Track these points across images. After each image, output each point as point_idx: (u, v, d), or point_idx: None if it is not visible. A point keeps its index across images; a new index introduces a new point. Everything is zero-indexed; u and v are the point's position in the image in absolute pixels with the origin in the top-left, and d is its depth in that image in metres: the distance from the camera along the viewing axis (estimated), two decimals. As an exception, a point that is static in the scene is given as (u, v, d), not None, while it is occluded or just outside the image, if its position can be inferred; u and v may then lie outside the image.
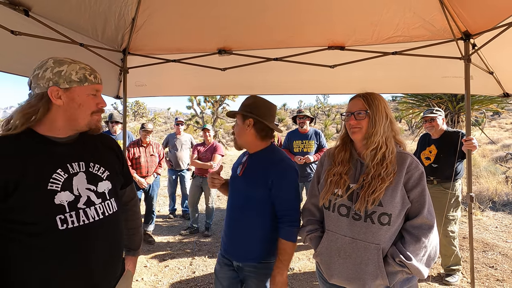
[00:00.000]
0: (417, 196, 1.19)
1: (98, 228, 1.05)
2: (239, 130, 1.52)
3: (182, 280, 2.94)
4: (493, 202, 5.09)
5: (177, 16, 2.36)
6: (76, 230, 0.99)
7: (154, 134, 5.25)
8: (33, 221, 0.93)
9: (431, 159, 3.01)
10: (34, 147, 0.99)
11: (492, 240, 3.70)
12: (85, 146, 1.12)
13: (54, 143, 1.03)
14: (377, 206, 1.18)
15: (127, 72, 2.76)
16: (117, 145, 1.31)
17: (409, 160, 1.23)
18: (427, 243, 1.16)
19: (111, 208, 1.11)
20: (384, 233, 1.18)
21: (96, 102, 1.08)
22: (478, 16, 2.05)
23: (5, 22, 1.72)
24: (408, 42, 2.35)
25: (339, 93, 3.05)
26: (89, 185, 1.07)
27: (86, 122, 1.07)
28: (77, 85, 1.03)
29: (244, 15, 2.31)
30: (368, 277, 1.18)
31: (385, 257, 1.18)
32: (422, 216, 1.17)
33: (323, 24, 2.35)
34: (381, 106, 1.27)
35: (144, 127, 4.11)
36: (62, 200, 0.97)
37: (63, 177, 1.00)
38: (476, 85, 2.75)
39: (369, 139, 1.24)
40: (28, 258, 0.93)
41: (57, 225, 0.95)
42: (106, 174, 1.14)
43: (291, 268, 3.16)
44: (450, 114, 5.37)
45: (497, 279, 2.82)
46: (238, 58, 2.61)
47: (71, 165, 1.04)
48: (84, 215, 1.02)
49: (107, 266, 1.10)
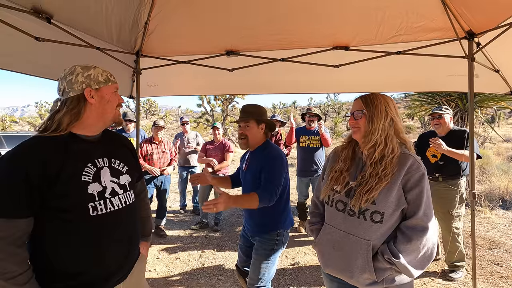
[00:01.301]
0: (414, 197, 1.20)
1: (121, 214, 1.21)
2: (254, 133, 1.98)
3: (192, 271, 3.08)
4: (503, 201, 5.04)
5: (187, 20, 2.47)
6: (104, 216, 1.14)
7: (165, 132, 5.40)
8: (70, 208, 1.08)
9: (437, 157, 3.04)
10: (69, 144, 1.13)
11: (499, 238, 3.70)
12: (106, 144, 1.28)
13: (83, 141, 1.18)
14: (370, 204, 1.21)
15: (140, 73, 2.90)
16: (131, 143, 1.47)
17: (411, 162, 1.23)
18: (419, 245, 1.17)
19: (131, 198, 1.28)
20: (375, 230, 1.22)
21: (118, 97, 1.27)
22: (481, 15, 2.07)
23: (30, 30, 1.87)
24: (411, 42, 2.39)
25: (344, 92, 3.13)
26: (113, 178, 1.23)
27: (113, 115, 1.25)
28: (104, 85, 1.20)
29: (251, 18, 2.40)
30: (356, 270, 1.22)
31: (376, 254, 1.22)
32: (416, 218, 1.19)
33: (327, 25, 2.41)
34: (381, 105, 1.30)
35: (156, 124, 4.27)
36: (93, 190, 1.13)
37: (93, 171, 1.16)
38: (482, 84, 2.76)
39: (367, 137, 1.29)
40: (65, 240, 1.08)
41: (89, 211, 1.11)
42: (125, 169, 1.30)
43: (296, 262, 3.25)
44: (460, 112, 5.33)
45: (502, 275, 2.84)
46: (246, 59, 2.70)
47: (98, 160, 1.20)
48: (110, 203, 1.17)
49: (129, 247, 1.25)
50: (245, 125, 1.98)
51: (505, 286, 2.67)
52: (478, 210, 4.67)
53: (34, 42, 1.91)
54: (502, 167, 7.01)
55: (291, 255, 3.43)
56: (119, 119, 1.29)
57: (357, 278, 1.23)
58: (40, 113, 23.77)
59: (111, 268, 1.18)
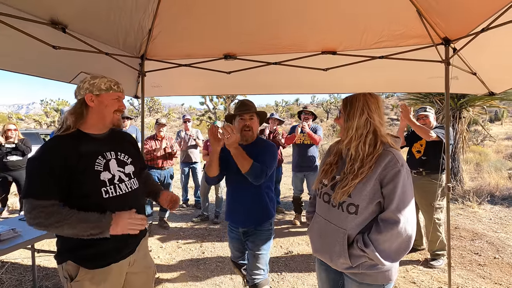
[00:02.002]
0: (389, 192, 1.26)
1: (127, 197, 1.45)
2: (256, 127, 2.10)
3: (193, 259, 3.33)
4: (492, 196, 5.23)
5: (187, 27, 2.69)
6: (114, 198, 1.40)
7: (168, 129, 5.61)
8: (88, 193, 1.34)
9: (421, 152, 3.26)
10: (82, 141, 1.38)
11: (482, 230, 3.90)
12: (113, 140, 1.53)
13: (93, 138, 1.44)
14: (347, 197, 1.31)
15: (145, 75, 3.13)
16: (134, 139, 1.73)
17: (389, 158, 1.28)
18: (390, 236, 1.22)
19: (135, 184, 1.53)
20: (350, 220, 1.31)
21: (117, 104, 1.47)
22: (454, 24, 2.27)
23: (48, 39, 2.10)
24: (393, 47, 2.60)
25: (331, 93, 3.33)
26: (119, 168, 1.48)
27: (111, 118, 1.45)
28: (105, 92, 1.42)
29: (246, 25, 2.61)
30: (334, 255, 1.35)
31: (353, 242, 1.32)
32: (389, 211, 1.25)
33: (317, 32, 2.61)
34: (358, 104, 1.37)
35: (158, 121, 4.51)
36: (104, 177, 1.39)
37: (103, 162, 1.42)
38: (462, 85, 2.97)
39: (344, 134, 1.40)
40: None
41: (102, 194, 1.36)
42: (129, 160, 1.55)
43: (290, 251, 3.49)
44: (452, 110, 5.51)
45: (479, 264, 3.05)
46: (242, 62, 2.92)
47: (106, 153, 1.45)
48: (118, 188, 1.43)
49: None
50: (250, 117, 2.05)
51: (481, 272, 2.89)
52: (466, 205, 4.87)
53: (52, 50, 2.15)
54: (496, 164, 7.18)
55: (285, 245, 3.67)
56: (117, 122, 1.50)
57: (335, 262, 1.36)
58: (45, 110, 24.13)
59: (120, 242, 1.41)
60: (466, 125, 5.60)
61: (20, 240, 1.90)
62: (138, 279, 1.56)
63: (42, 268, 2.67)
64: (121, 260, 1.43)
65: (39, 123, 21.43)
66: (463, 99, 5.35)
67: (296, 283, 2.79)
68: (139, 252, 1.53)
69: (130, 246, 1.47)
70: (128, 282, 1.52)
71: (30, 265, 3.09)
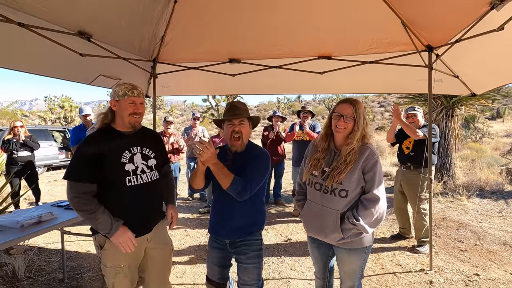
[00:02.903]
0: (370, 178, 1.59)
1: (148, 186, 1.73)
2: (247, 132, 1.79)
3: (200, 245, 3.65)
4: (481, 190, 5.52)
5: (196, 34, 2.98)
6: (136, 187, 1.68)
7: (172, 125, 5.79)
8: (115, 180, 1.63)
9: (410, 148, 3.54)
10: (114, 136, 1.69)
11: (467, 221, 4.19)
12: (140, 136, 1.79)
13: (123, 135, 1.73)
14: (338, 184, 1.60)
15: (156, 77, 3.43)
16: (160, 137, 2.00)
17: (368, 152, 1.61)
18: (373, 211, 1.56)
19: (155, 176, 1.80)
20: (342, 202, 1.62)
21: (132, 108, 1.69)
22: (434, 34, 2.55)
23: (75, 47, 2.40)
24: (383, 53, 2.87)
25: (326, 93, 3.62)
26: (143, 161, 1.75)
27: (128, 120, 1.69)
28: (121, 98, 1.68)
29: (250, 33, 2.90)
30: (328, 231, 1.65)
31: (343, 218, 1.62)
32: (371, 192, 1.59)
33: (314, 39, 2.90)
34: (363, 113, 1.63)
35: (166, 119, 4.81)
36: (129, 168, 1.67)
37: (128, 155, 1.69)
38: (446, 87, 3.25)
39: (351, 139, 1.61)
40: (111, 199, 1.63)
41: (126, 183, 1.65)
42: (153, 155, 1.82)
43: (289, 238, 3.80)
44: (445, 109, 5.77)
45: (461, 250, 3.35)
46: (245, 66, 3.21)
47: (132, 148, 1.73)
48: (140, 178, 1.70)
49: (153, 209, 1.81)
50: (240, 123, 1.76)
51: (462, 257, 3.18)
52: (456, 198, 5.16)
53: (79, 57, 2.45)
54: (489, 161, 7.44)
55: (285, 233, 3.98)
56: (133, 124, 1.71)
57: (329, 237, 1.65)
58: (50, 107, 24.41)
59: (140, 220, 1.72)
60: (458, 122, 5.87)
61: (56, 222, 2.21)
62: (157, 253, 1.85)
63: (66, 251, 2.98)
64: (139, 236, 1.71)
65: (44, 119, 21.74)
66: (455, 98, 5.61)
67: (294, 265, 3.10)
68: (156, 230, 1.82)
69: (146, 227, 1.77)
70: (148, 255, 1.82)
71: (54, 249, 3.43)
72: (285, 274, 2.93)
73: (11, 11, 1.84)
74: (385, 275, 2.85)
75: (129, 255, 1.68)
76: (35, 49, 2.28)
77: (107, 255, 1.67)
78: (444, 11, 2.17)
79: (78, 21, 2.30)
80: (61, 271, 2.81)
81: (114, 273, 1.68)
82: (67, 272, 2.83)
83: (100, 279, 2.74)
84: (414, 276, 2.81)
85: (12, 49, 2.20)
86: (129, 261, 1.71)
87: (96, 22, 2.39)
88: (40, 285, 2.66)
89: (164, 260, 1.90)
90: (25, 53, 2.30)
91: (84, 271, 2.93)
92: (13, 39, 2.08)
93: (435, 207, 4.86)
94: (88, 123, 4.22)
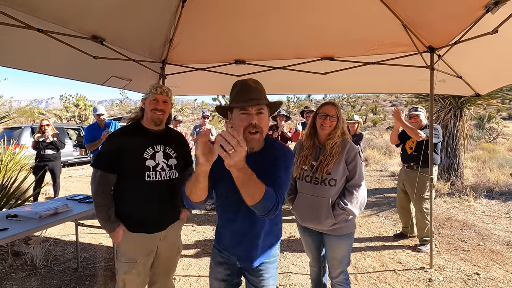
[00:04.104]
0: (352, 167, 1.86)
1: (165, 184, 1.79)
2: (266, 125, 1.30)
3: (206, 239, 3.78)
4: (490, 191, 5.45)
5: (203, 36, 3.09)
6: (154, 183, 1.75)
7: (181, 124, 5.95)
8: (135, 173, 1.73)
9: (412, 148, 3.57)
10: (141, 133, 1.81)
11: (472, 221, 4.18)
12: (165, 136, 1.88)
13: (150, 132, 1.83)
14: (327, 174, 1.84)
15: (165, 77, 3.57)
16: (185, 140, 2.06)
17: (349, 145, 1.89)
18: (358, 195, 1.83)
19: (174, 175, 1.85)
20: (332, 191, 1.85)
21: (154, 104, 1.80)
22: (435, 35, 2.59)
23: (89, 50, 2.55)
24: (384, 54, 2.92)
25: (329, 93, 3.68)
26: (164, 159, 1.82)
27: (151, 116, 1.79)
28: (147, 96, 1.83)
29: (255, 35, 2.99)
30: (322, 218, 1.84)
31: (333, 205, 1.84)
32: (354, 179, 1.86)
33: (317, 41, 2.97)
34: (341, 113, 1.95)
35: (176, 118, 4.97)
36: (149, 164, 1.74)
37: (151, 152, 1.77)
38: (450, 87, 3.28)
39: (334, 134, 1.90)
40: (129, 194, 1.74)
41: (145, 177, 1.72)
42: (174, 155, 1.88)
43: (292, 235, 3.89)
44: (453, 109, 5.72)
45: (463, 249, 3.36)
46: (251, 67, 3.31)
47: (156, 146, 1.81)
48: (159, 175, 1.77)
49: (169, 208, 1.86)
50: (258, 112, 1.26)
51: (464, 256, 3.21)
52: (463, 199, 5.13)
53: (92, 60, 2.61)
54: (501, 162, 7.31)
55: (289, 230, 4.07)
56: (155, 119, 1.80)
57: (323, 223, 1.84)
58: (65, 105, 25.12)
59: (156, 218, 1.78)
60: (467, 122, 5.81)
61: (71, 214, 2.38)
62: (165, 252, 1.89)
63: (80, 243, 3.16)
64: (154, 232, 1.79)
65: (60, 117, 22.41)
66: (463, 98, 5.55)
67: (295, 260, 3.19)
68: (170, 230, 1.87)
69: (160, 225, 1.83)
70: (158, 254, 1.86)
71: (68, 241, 3.63)
72: (287, 268, 3.02)
73: (31, 18, 1.99)
74: (385, 272, 2.91)
75: (144, 251, 1.77)
76: (52, 53, 2.45)
77: (124, 248, 1.75)
78: (442, 14, 2.22)
79: (92, 26, 2.45)
80: (76, 261, 2.99)
81: (127, 267, 1.73)
82: (81, 262, 3.01)
83: (112, 269, 2.90)
84: (414, 274, 2.86)
85: (31, 53, 2.37)
86: (144, 258, 1.77)
87: (108, 27, 2.53)
88: (56, 273, 2.85)
89: (170, 260, 1.96)
90: (43, 56, 2.47)
91: (97, 261, 3.10)
92: (33, 44, 2.25)
93: (440, 207, 4.85)
94: (102, 122, 4.42)
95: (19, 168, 4.67)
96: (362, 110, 36.57)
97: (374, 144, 12.96)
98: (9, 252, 3.07)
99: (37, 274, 2.81)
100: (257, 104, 1.24)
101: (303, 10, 2.64)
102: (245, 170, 1.02)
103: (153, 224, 1.79)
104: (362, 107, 38.52)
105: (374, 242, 3.65)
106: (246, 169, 1.02)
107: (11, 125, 11.61)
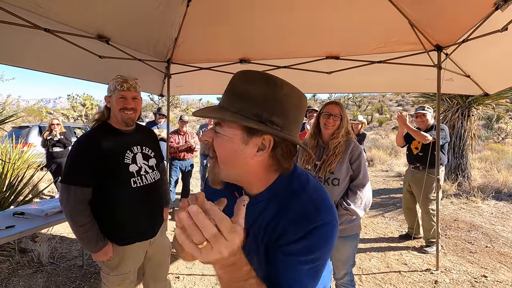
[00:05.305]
0: (356, 167, 1.83)
1: (151, 187, 1.66)
2: (233, 153, 0.68)
3: (210, 239, 3.79)
4: (498, 192, 5.36)
5: (208, 36, 3.10)
6: (141, 188, 1.60)
7: (187, 124, 5.96)
8: (117, 183, 1.54)
9: (418, 149, 3.52)
10: (112, 134, 1.58)
11: (480, 223, 4.11)
12: (138, 135, 1.70)
13: (122, 133, 1.62)
14: (330, 173, 1.82)
15: (170, 77, 3.58)
16: (155, 134, 1.92)
17: (353, 144, 1.86)
18: (362, 195, 1.78)
19: (157, 176, 1.73)
20: (335, 190, 1.81)
21: (123, 103, 1.56)
22: (442, 33, 2.55)
23: (95, 50, 2.57)
24: (390, 53, 2.89)
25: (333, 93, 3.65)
26: (144, 161, 1.66)
27: (120, 116, 1.56)
28: (112, 93, 1.57)
29: (259, 34, 2.99)
30: None
31: (337, 206, 1.79)
32: (358, 179, 1.82)
33: (322, 39, 2.95)
34: (345, 112, 1.91)
35: (182, 118, 4.98)
36: (133, 169, 1.58)
37: (131, 155, 1.60)
38: (458, 87, 3.23)
39: (337, 134, 1.86)
40: (114, 205, 1.56)
41: (131, 184, 1.56)
42: (152, 154, 1.73)
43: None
44: (461, 108, 5.64)
45: (470, 251, 3.31)
46: (255, 66, 3.30)
47: (133, 147, 1.63)
48: (144, 179, 1.63)
49: (157, 210, 1.75)
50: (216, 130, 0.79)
51: (471, 259, 3.15)
52: (470, 200, 5.05)
53: (98, 59, 2.62)
54: (510, 162, 7.19)
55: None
56: (126, 121, 1.58)
57: None
58: (72, 105, 25.40)
59: (144, 227, 1.65)
60: (475, 122, 5.72)
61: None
62: (155, 254, 1.80)
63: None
64: (148, 239, 1.69)
65: (67, 117, 22.70)
66: (471, 97, 5.47)
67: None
68: (158, 237, 1.77)
69: (152, 230, 1.73)
70: (148, 257, 1.77)
71: (74, 238, 3.66)
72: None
73: (38, 18, 2.01)
74: (390, 273, 2.88)
75: (134, 261, 1.66)
76: (59, 52, 2.46)
77: (110, 264, 1.60)
78: (449, 12, 2.19)
79: (98, 25, 2.46)
80: (81, 258, 3.02)
81: (120, 280, 1.62)
82: (86, 260, 3.03)
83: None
84: (420, 276, 2.82)
85: (38, 52, 2.39)
86: (134, 266, 1.68)
87: (114, 26, 2.55)
88: (62, 270, 2.88)
89: (162, 260, 1.87)
90: (50, 56, 2.49)
91: (102, 259, 3.13)
92: (40, 43, 2.27)
93: (447, 208, 4.78)
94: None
95: (26, 166, 4.73)
96: (368, 110, 36.29)
97: (380, 144, 12.84)
98: (16, 249, 3.12)
99: (43, 271, 2.84)
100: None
101: (308, 8, 2.62)
102: (236, 268, 0.55)
103: (146, 231, 1.69)
104: (368, 107, 38.23)
105: (379, 243, 3.62)
106: (237, 267, 0.55)
107: (20, 124, 11.77)
